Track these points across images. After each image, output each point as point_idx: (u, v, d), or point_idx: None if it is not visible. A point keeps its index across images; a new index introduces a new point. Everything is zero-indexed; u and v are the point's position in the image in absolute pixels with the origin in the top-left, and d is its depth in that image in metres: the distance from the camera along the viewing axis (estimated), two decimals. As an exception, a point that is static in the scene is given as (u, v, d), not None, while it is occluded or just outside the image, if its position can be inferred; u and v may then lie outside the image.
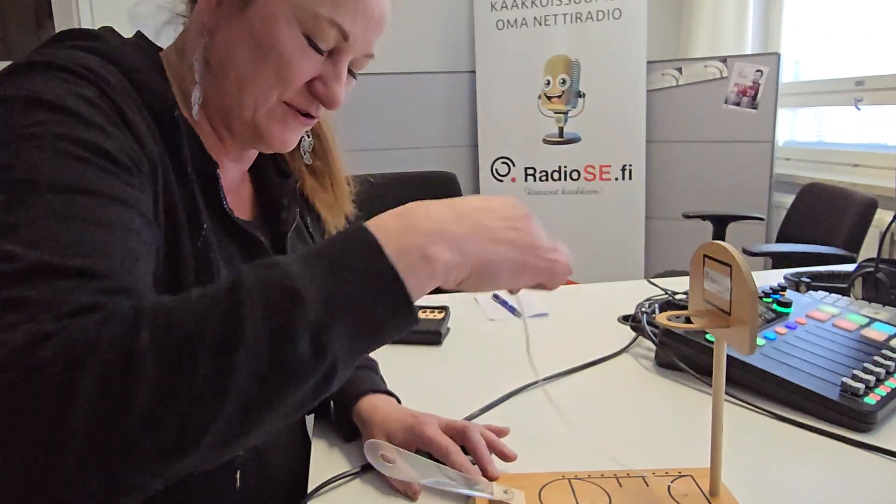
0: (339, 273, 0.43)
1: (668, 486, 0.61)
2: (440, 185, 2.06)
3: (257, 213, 0.74)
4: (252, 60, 0.60)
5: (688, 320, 0.59)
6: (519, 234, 0.52)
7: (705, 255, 0.57)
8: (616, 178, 2.92)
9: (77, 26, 0.66)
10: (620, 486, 0.61)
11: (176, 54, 0.65)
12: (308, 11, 0.59)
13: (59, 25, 2.60)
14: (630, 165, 2.90)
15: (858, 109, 2.53)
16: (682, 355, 0.87)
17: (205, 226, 0.60)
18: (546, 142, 2.96)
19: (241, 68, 0.61)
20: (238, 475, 0.65)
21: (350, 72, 0.65)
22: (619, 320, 1.10)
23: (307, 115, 0.65)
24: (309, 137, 0.75)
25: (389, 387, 0.78)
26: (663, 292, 1.16)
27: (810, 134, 2.92)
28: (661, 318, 0.56)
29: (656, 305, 1.02)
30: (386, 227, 0.47)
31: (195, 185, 0.60)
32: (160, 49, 0.67)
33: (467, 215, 0.50)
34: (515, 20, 2.89)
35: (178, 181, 0.59)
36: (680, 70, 2.89)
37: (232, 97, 0.62)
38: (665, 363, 0.91)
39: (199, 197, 0.60)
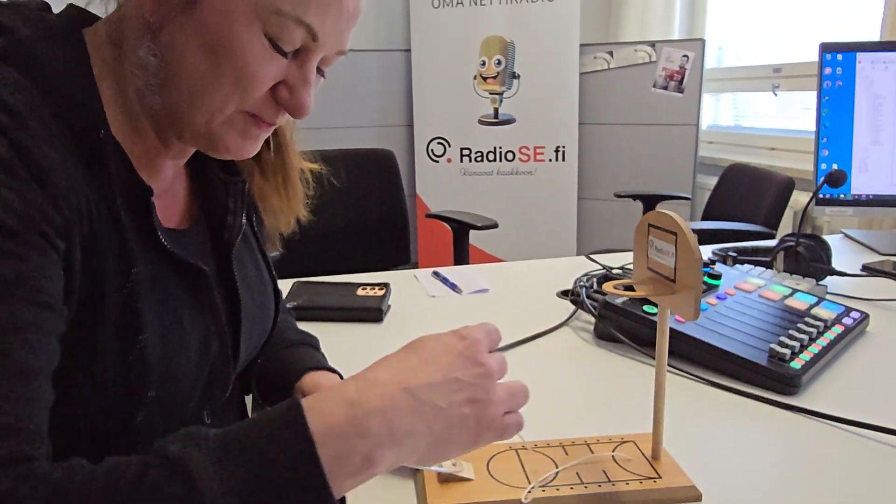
0: (260, 476, 0.39)
1: (612, 452, 0.62)
2: (379, 163, 2.03)
3: (197, 216, 0.65)
4: (205, 66, 0.52)
5: (632, 290, 0.59)
6: (475, 408, 0.47)
7: (650, 224, 0.58)
8: (550, 160, 2.97)
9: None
10: (566, 454, 0.62)
11: (111, 46, 0.54)
12: (269, 8, 0.50)
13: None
14: (563, 147, 2.95)
15: (776, 95, 2.66)
16: (620, 327, 0.89)
17: (133, 270, 0.51)
18: (482, 122, 2.97)
19: (193, 75, 0.52)
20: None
21: (319, 70, 0.57)
22: (558, 295, 1.11)
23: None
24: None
25: (330, 364, 0.76)
26: (601, 268, 1.18)
27: (731, 118, 3.05)
28: (608, 287, 0.57)
29: (594, 280, 1.03)
30: (329, 420, 0.42)
31: (123, 220, 0.51)
32: (90, 23, 0.56)
33: (421, 398, 0.46)
34: (451, -1, 2.87)
35: (102, 219, 0.49)
36: (611, 54, 2.95)
37: (182, 105, 0.53)
38: (604, 335, 0.92)
39: (128, 233, 0.51)
